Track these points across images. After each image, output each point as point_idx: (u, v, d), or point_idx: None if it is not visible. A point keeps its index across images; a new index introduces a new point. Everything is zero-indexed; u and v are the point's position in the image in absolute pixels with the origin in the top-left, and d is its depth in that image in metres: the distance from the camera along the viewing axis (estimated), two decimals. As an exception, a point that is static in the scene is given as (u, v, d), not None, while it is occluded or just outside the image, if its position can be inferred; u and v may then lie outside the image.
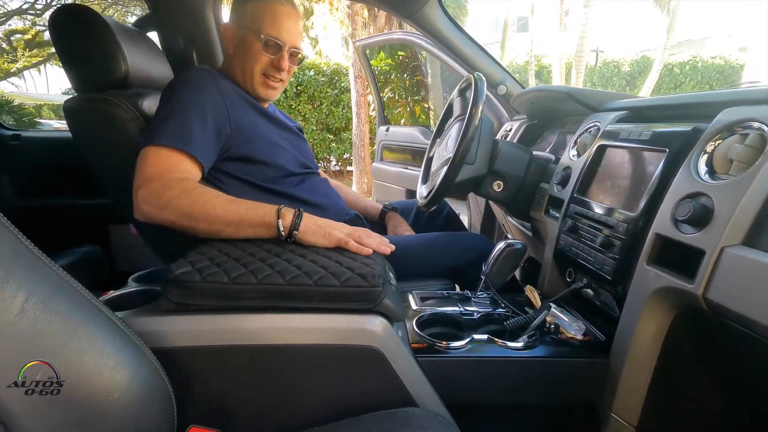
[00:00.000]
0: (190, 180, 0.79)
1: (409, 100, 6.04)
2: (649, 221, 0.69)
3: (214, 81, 0.92)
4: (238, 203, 0.77)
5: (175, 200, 0.74)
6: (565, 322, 0.82)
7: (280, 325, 0.65)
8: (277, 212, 0.76)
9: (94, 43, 0.93)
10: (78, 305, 0.53)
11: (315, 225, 0.77)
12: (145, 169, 0.77)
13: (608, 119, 0.94)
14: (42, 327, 0.49)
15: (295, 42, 1.01)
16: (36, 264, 0.51)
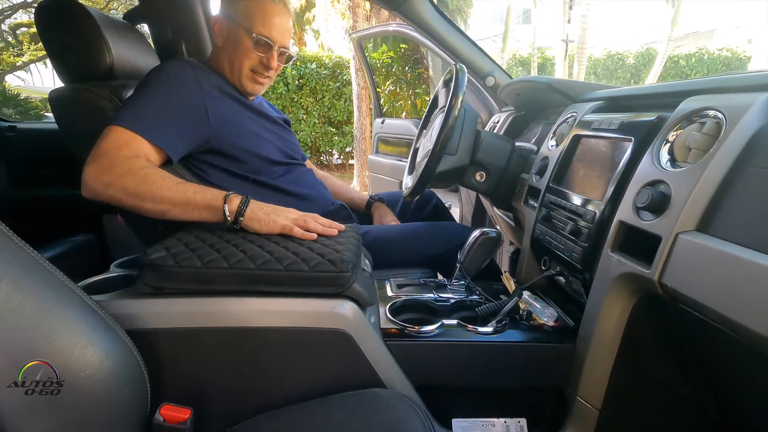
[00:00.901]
0: (140, 159, 0.80)
1: (411, 93, 6.04)
2: (614, 209, 0.71)
3: (194, 74, 0.93)
4: (186, 186, 0.78)
5: (121, 179, 0.75)
6: (537, 309, 0.83)
7: (252, 309, 0.68)
8: (224, 198, 0.77)
9: (79, 34, 0.95)
10: (51, 286, 0.55)
11: (261, 212, 0.78)
12: (98, 146, 0.78)
13: (585, 109, 0.95)
14: (15, 306, 0.51)
15: (284, 41, 1.02)
16: (9, 246, 0.53)
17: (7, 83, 8.66)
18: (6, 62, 8.72)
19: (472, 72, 1.50)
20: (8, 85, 8.55)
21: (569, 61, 6.66)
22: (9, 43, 8.85)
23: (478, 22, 13.17)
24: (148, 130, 0.83)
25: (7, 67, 8.82)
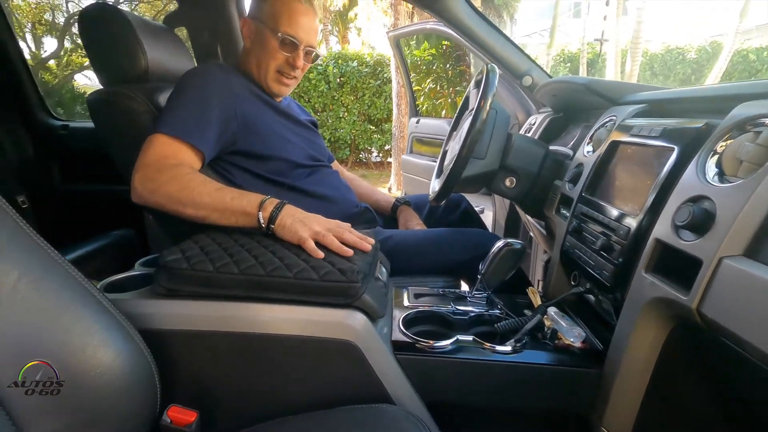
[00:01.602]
0: (184, 166, 0.82)
1: (451, 91, 5.93)
2: (651, 225, 0.64)
3: (225, 76, 0.95)
4: (225, 191, 0.79)
5: (166, 185, 0.78)
6: (563, 328, 0.78)
7: (261, 315, 0.67)
8: (260, 204, 0.77)
9: (116, 38, 0.99)
10: (68, 286, 0.57)
11: (289, 220, 0.76)
12: (144, 154, 0.82)
13: (625, 113, 0.87)
14: (32, 304, 0.53)
15: (311, 40, 1.02)
16: (29, 245, 0.55)
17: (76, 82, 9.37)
18: (75, 63, 9.43)
19: (508, 72, 1.43)
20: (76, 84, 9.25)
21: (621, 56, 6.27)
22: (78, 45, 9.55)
23: (526, 16, 12.73)
24: (188, 133, 0.85)
25: (76, 68, 9.53)
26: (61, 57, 9.12)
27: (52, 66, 8.90)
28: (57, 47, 9.17)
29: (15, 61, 1.58)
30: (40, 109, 1.66)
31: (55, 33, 9.30)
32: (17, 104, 1.60)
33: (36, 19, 8.70)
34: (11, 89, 1.58)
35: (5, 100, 1.57)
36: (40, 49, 9.43)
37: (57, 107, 4.72)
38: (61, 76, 8.94)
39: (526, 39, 10.27)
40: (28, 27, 8.77)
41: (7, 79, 1.57)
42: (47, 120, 1.67)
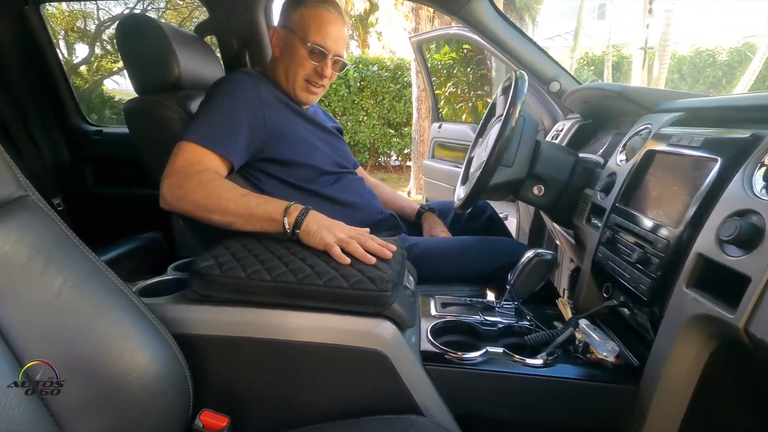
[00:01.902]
0: (209, 172, 0.84)
1: (472, 95, 5.89)
2: (692, 239, 0.62)
3: (254, 85, 0.96)
4: (250, 198, 0.80)
5: (192, 192, 0.80)
6: (596, 341, 0.76)
7: (291, 322, 0.68)
8: (285, 210, 0.77)
9: (151, 48, 1.02)
10: (108, 291, 0.59)
11: (315, 226, 0.76)
12: (173, 162, 0.84)
13: (662, 121, 0.85)
14: (74, 308, 0.55)
15: (339, 50, 1.03)
16: (74, 252, 0.57)
17: (105, 86, 9.71)
18: (105, 68, 9.77)
19: (535, 77, 1.42)
20: (105, 89, 9.58)
21: (649, 59, 6.12)
22: (108, 51, 9.89)
23: (549, 18, 12.55)
24: (215, 141, 0.87)
25: (106, 73, 9.87)
26: (92, 63, 9.47)
27: (83, 71, 9.24)
28: (88, 53, 9.52)
29: (53, 69, 1.64)
30: (75, 114, 1.72)
31: (86, 40, 9.66)
32: (54, 110, 1.67)
33: (69, 27, 9.06)
34: (49, 96, 1.65)
35: (44, 106, 1.63)
36: (72, 56, 9.81)
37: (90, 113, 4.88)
38: (92, 81, 9.27)
39: (549, 42, 10.13)
40: (61, 34, 9.13)
41: (46, 86, 1.64)
42: (82, 125, 1.73)
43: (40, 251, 0.54)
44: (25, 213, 0.55)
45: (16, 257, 0.52)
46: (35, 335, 0.52)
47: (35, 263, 0.53)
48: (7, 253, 0.52)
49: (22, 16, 1.51)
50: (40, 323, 0.53)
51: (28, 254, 0.53)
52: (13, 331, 0.51)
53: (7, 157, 0.56)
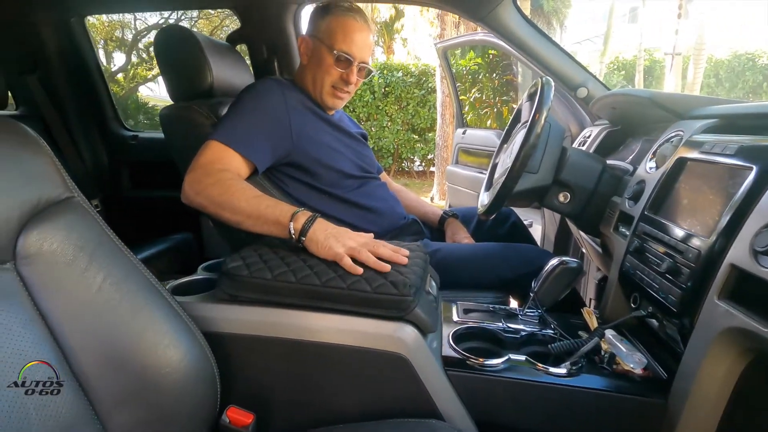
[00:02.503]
0: (229, 172, 0.86)
1: (497, 101, 5.83)
2: (725, 249, 0.60)
3: (281, 91, 0.99)
4: (261, 199, 0.82)
5: (209, 188, 0.83)
6: (622, 352, 0.74)
7: (315, 324, 0.69)
8: (292, 215, 0.77)
9: (186, 58, 1.07)
10: (144, 288, 0.62)
11: (322, 234, 0.75)
12: (197, 158, 0.88)
13: (694, 128, 0.83)
14: (114, 304, 0.58)
15: (364, 57, 1.05)
16: (114, 251, 0.61)
17: (139, 93, 10.13)
18: (140, 75, 10.20)
19: (562, 83, 1.40)
20: (140, 95, 10.00)
21: (683, 63, 5.92)
22: (143, 59, 10.32)
23: (578, 21, 12.31)
24: (239, 143, 0.90)
25: (141, 80, 10.30)
26: (128, 70, 9.90)
27: (120, 78, 9.67)
28: (125, 61, 9.97)
29: (95, 77, 1.73)
30: (114, 120, 1.81)
31: (123, 48, 10.12)
32: (95, 116, 1.76)
33: (108, 36, 9.52)
34: (91, 102, 1.74)
35: (85, 112, 1.72)
36: (110, 64, 10.29)
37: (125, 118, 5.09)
38: (128, 87, 9.70)
39: (577, 46, 9.94)
40: (100, 44, 9.59)
41: (88, 93, 1.73)
42: (120, 131, 1.82)
43: (84, 249, 0.58)
44: (71, 213, 0.59)
45: (62, 254, 0.56)
46: (78, 328, 0.56)
47: (79, 260, 0.57)
48: (54, 251, 0.56)
49: (68, 27, 1.60)
50: (82, 317, 0.56)
51: (74, 252, 0.57)
52: (57, 324, 0.55)
53: (57, 162, 0.60)
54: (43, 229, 0.55)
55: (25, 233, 0.54)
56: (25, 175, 0.56)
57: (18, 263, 0.53)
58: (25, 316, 0.52)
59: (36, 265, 0.54)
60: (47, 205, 0.57)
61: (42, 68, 1.56)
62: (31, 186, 0.56)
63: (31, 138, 0.59)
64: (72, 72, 1.64)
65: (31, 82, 1.54)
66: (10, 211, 0.53)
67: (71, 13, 1.58)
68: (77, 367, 0.55)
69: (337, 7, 1.03)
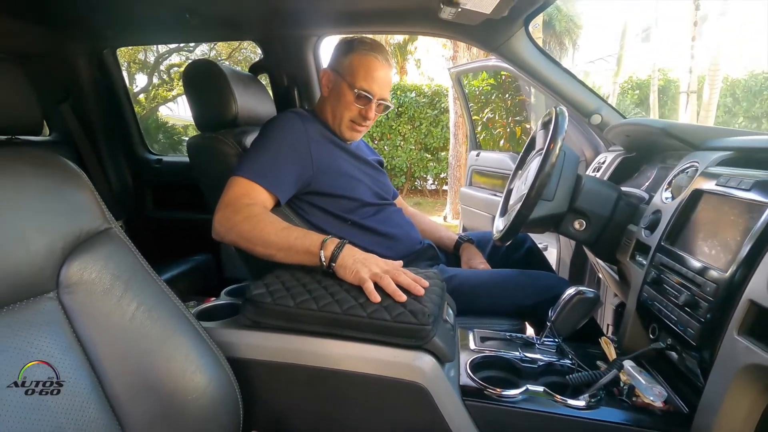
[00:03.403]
0: (257, 206, 0.90)
1: (510, 121, 5.87)
2: (743, 284, 0.61)
3: (303, 124, 1.03)
4: (290, 231, 0.85)
5: (239, 225, 0.86)
6: (642, 385, 0.74)
7: (335, 351, 0.71)
8: (321, 243, 0.81)
9: (213, 90, 1.12)
10: (174, 315, 0.64)
11: (350, 260, 0.79)
12: (224, 195, 0.91)
13: (709, 160, 0.84)
14: (145, 331, 0.61)
15: (384, 94, 1.09)
16: (147, 280, 0.64)
17: (159, 113, 10.47)
18: (161, 96, 10.54)
19: (576, 110, 1.42)
20: (160, 115, 10.33)
21: (699, 83, 5.89)
22: (164, 80, 10.69)
23: (591, 41, 12.38)
24: (263, 177, 0.94)
25: (161, 101, 10.65)
26: (149, 91, 10.26)
27: (142, 99, 10.02)
28: (147, 83, 10.34)
29: (124, 104, 1.82)
30: (140, 145, 1.89)
31: (145, 70, 10.51)
32: (122, 141, 1.84)
33: (131, 59, 9.91)
34: (119, 128, 1.82)
35: (114, 138, 1.80)
36: (132, 85, 10.68)
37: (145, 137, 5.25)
38: (148, 108, 10.03)
39: (590, 66, 9.99)
40: (124, 66, 9.98)
41: (117, 119, 1.81)
42: (145, 155, 1.89)
43: (119, 278, 0.61)
44: (109, 244, 0.62)
45: (100, 283, 0.59)
46: (112, 354, 0.58)
47: (115, 289, 0.60)
48: (93, 280, 0.59)
49: (101, 58, 1.69)
50: (116, 344, 0.59)
51: (110, 281, 0.60)
52: (93, 351, 0.58)
53: (96, 194, 0.63)
54: (83, 260, 0.59)
55: (68, 263, 0.58)
56: (69, 208, 0.60)
57: (60, 292, 0.57)
58: (65, 344, 0.56)
59: (76, 294, 0.58)
60: (88, 236, 0.60)
61: (75, 97, 1.65)
62: (75, 219, 0.59)
63: (74, 173, 0.63)
64: (102, 100, 1.73)
65: (64, 110, 1.63)
66: (56, 243, 0.56)
67: (104, 45, 1.67)
68: (110, 391, 0.58)
69: (360, 44, 1.07)
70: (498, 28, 1.29)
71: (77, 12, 1.38)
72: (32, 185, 0.57)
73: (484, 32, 1.32)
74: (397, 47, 9.62)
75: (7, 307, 0.52)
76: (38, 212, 0.55)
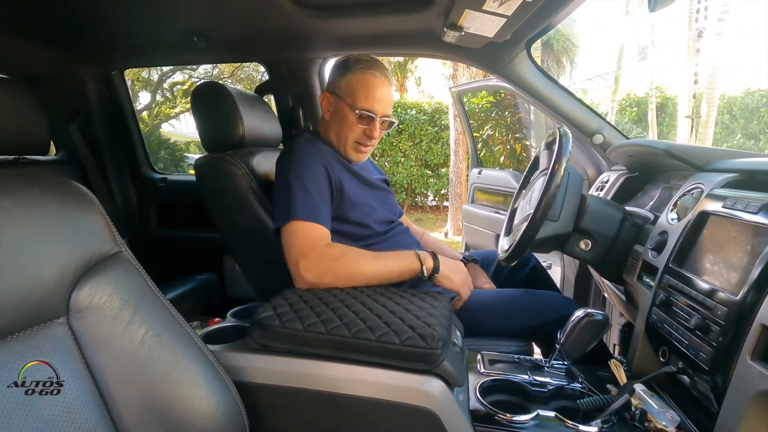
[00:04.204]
0: (336, 246, 0.92)
1: (510, 138, 5.93)
2: (754, 308, 0.60)
3: (317, 150, 1.03)
4: (382, 259, 0.91)
5: (333, 269, 0.88)
6: (654, 409, 0.73)
7: (344, 375, 0.70)
8: (418, 258, 0.94)
9: (221, 111, 1.14)
10: (182, 340, 0.64)
11: (448, 268, 0.97)
12: (297, 243, 0.90)
13: (714, 181, 0.84)
14: (154, 356, 0.61)
15: (386, 111, 1.08)
16: (155, 304, 0.64)
17: (162, 129, 10.57)
18: (164, 113, 10.67)
19: (578, 130, 1.44)
20: (162, 131, 10.43)
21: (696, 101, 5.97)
22: (167, 98, 10.83)
23: (588, 59, 12.60)
24: (318, 215, 0.94)
25: (164, 117, 10.77)
26: (152, 108, 10.39)
27: (144, 116, 10.14)
28: (150, 100, 10.48)
29: (131, 124, 1.84)
30: (145, 164, 1.90)
31: (149, 88, 10.66)
32: (128, 160, 1.85)
33: (135, 77, 10.07)
34: (125, 148, 1.84)
35: (120, 157, 1.82)
36: (136, 102, 10.84)
37: (149, 155, 5.29)
38: (151, 125, 10.14)
39: (588, 83, 10.13)
40: (128, 84, 10.15)
41: (123, 139, 1.83)
42: (150, 173, 1.91)
43: (128, 302, 0.61)
44: (118, 268, 0.62)
45: (110, 308, 0.59)
46: (121, 380, 0.58)
47: (125, 314, 0.60)
48: (103, 305, 0.59)
49: (109, 80, 1.72)
50: (125, 369, 0.58)
51: (120, 306, 0.60)
52: (102, 376, 0.57)
53: (107, 218, 0.64)
54: (94, 284, 0.59)
55: (79, 288, 0.57)
56: (82, 232, 0.60)
57: (71, 317, 0.57)
58: (74, 369, 0.55)
59: (86, 319, 0.57)
60: (99, 260, 0.60)
61: (83, 117, 1.67)
62: (86, 243, 0.59)
63: (86, 197, 0.63)
64: (110, 120, 1.75)
65: (72, 130, 1.65)
66: (67, 268, 0.56)
67: (113, 67, 1.71)
68: (117, 416, 0.57)
69: (356, 63, 1.06)
70: (500, 51, 1.31)
71: (88, 35, 1.41)
72: (46, 211, 0.57)
73: (487, 55, 1.35)
74: (397, 65, 9.78)
75: (18, 334, 0.52)
76: (52, 238, 0.56)
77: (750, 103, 7.71)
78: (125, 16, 1.23)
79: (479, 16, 1.08)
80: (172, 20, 1.28)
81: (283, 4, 1.12)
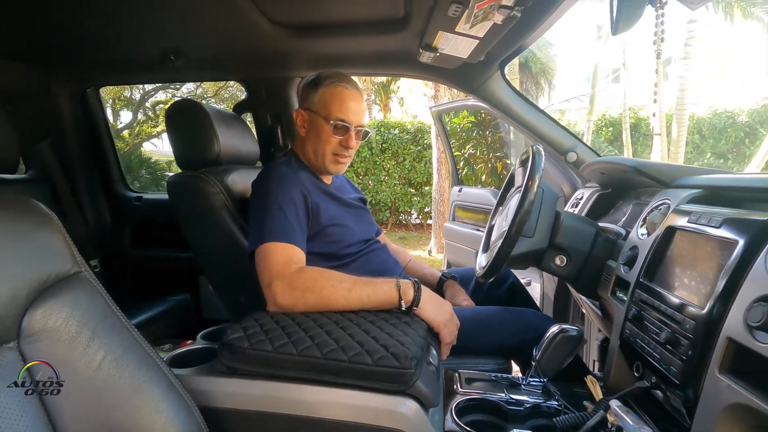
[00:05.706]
0: (307, 271, 0.89)
1: (491, 156, 6.04)
2: (720, 321, 0.61)
3: (295, 174, 1.03)
4: (357, 288, 0.87)
5: (304, 299, 0.85)
6: (629, 425, 0.72)
7: (316, 398, 0.68)
8: (398, 291, 0.87)
9: (196, 129, 1.12)
10: (143, 363, 0.61)
11: (430, 301, 0.90)
12: (268, 266, 0.88)
13: (680, 197, 0.87)
14: (112, 382, 0.58)
15: (360, 121, 1.10)
16: (116, 326, 0.61)
17: (143, 148, 10.43)
18: (145, 132, 10.55)
19: (552, 148, 1.47)
20: (143, 150, 10.29)
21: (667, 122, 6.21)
22: (149, 117, 10.73)
23: (565, 81, 13.03)
24: (291, 236, 0.93)
25: (145, 137, 10.64)
26: (134, 127, 10.26)
27: (125, 135, 10.00)
28: (131, 119, 10.35)
29: (105, 143, 1.81)
30: (120, 183, 1.86)
31: (131, 107, 10.56)
32: (102, 179, 1.81)
33: (116, 96, 9.96)
34: (99, 166, 1.80)
35: (93, 176, 1.77)
36: (117, 121, 10.68)
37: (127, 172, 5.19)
38: (132, 143, 9.99)
39: (566, 104, 10.46)
40: (108, 102, 10.00)
41: (97, 158, 1.79)
42: (125, 192, 1.87)
43: (86, 325, 0.58)
44: (77, 289, 0.59)
45: (66, 331, 0.56)
46: (75, 409, 0.55)
47: (82, 337, 0.57)
48: (58, 327, 0.56)
49: (83, 97, 1.69)
50: (80, 397, 0.55)
51: (77, 328, 0.57)
52: (54, 405, 0.54)
53: (68, 237, 0.61)
54: (48, 306, 0.56)
55: (31, 311, 0.55)
56: (37, 252, 0.57)
57: (21, 342, 0.54)
58: (22, 397, 0.52)
59: (39, 343, 0.54)
60: (55, 281, 0.58)
61: (56, 135, 1.63)
62: (42, 263, 0.57)
63: (44, 215, 0.60)
64: (83, 138, 1.72)
65: (43, 148, 1.61)
66: (19, 290, 0.54)
67: (88, 84, 1.68)
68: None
69: (326, 78, 1.08)
70: (475, 72, 1.34)
71: (62, 52, 1.39)
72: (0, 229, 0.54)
73: (462, 75, 1.38)
74: (381, 86, 9.94)
75: (-38, 360, 0.49)
76: (3, 257, 0.53)
77: (717, 123, 8.05)
78: (101, 33, 1.22)
79: (453, 37, 1.11)
80: (148, 38, 1.27)
81: (260, 24, 1.13)
